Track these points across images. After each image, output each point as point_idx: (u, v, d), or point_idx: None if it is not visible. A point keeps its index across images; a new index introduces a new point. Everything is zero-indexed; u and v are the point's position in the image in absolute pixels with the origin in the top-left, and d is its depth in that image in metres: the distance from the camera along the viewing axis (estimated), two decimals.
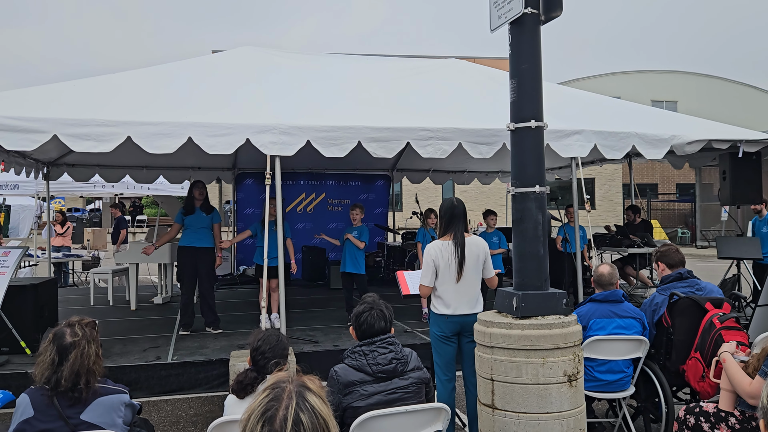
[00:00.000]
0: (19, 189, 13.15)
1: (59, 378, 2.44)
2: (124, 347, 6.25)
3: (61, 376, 2.44)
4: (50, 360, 2.48)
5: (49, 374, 2.48)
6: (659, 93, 34.15)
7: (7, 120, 5.10)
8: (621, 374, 4.16)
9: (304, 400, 1.46)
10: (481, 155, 6.10)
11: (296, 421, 1.41)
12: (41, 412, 2.44)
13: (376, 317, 2.96)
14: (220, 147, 5.48)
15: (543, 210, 3.72)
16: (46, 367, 2.49)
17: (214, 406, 5.30)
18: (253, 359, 2.77)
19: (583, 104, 7.81)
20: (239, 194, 12.06)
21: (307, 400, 1.46)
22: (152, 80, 6.74)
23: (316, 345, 6.29)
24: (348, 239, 7.33)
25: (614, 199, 30.71)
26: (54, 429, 2.41)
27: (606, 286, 4.26)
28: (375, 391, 2.76)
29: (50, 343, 2.52)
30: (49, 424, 2.42)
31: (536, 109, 3.70)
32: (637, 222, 9.89)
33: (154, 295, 9.60)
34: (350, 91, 6.97)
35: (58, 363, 2.47)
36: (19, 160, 7.84)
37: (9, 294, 5.67)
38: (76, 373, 2.45)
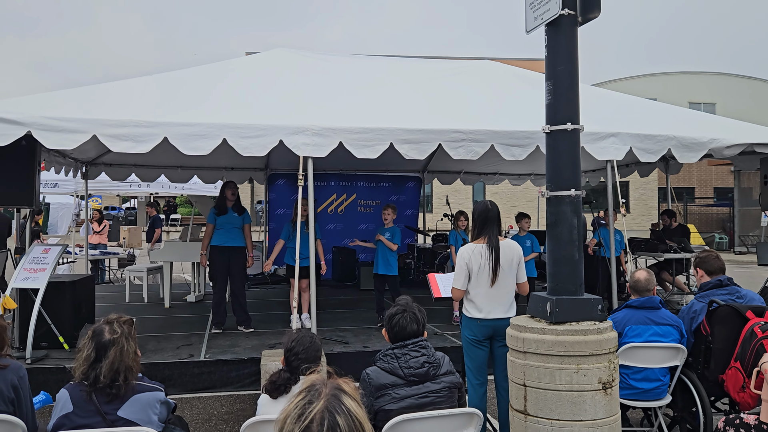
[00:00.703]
0: (59, 187, 13.50)
1: (98, 374, 2.49)
2: (158, 344, 6.36)
3: (99, 372, 2.49)
4: (88, 356, 2.54)
5: (87, 370, 2.53)
6: (697, 95, 33.41)
7: (48, 120, 5.23)
8: (657, 383, 4.07)
9: (340, 402, 1.46)
10: (514, 157, 6.03)
11: (333, 424, 1.41)
12: (80, 407, 2.49)
13: (408, 320, 2.95)
14: (254, 149, 5.53)
15: (578, 214, 3.66)
16: (84, 364, 2.54)
17: (245, 404, 5.35)
18: (287, 360, 2.79)
19: (618, 106, 7.68)
20: (271, 194, 12.17)
21: (342, 402, 1.46)
22: (187, 82, 6.84)
23: (347, 346, 6.31)
24: (380, 241, 7.31)
25: (649, 202, 30.14)
26: (92, 424, 2.46)
27: (642, 292, 4.18)
28: (407, 394, 2.75)
29: (89, 340, 2.57)
30: (88, 419, 2.47)
31: (572, 111, 3.64)
32: (673, 227, 9.68)
33: (187, 293, 9.75)
34: (382, 92, 6.97)
35: (96, 359, 2.52)
36: (59, 160, 8.05)
37: (48, 290, 5.81)
38: (114, 369, 2.49)
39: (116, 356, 2.50)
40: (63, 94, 6.25)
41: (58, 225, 25.62)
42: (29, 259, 5.92)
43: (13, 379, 2.62)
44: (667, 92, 31.15)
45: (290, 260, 7.16)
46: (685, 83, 33.79)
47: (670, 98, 26.12)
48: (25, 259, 5.94)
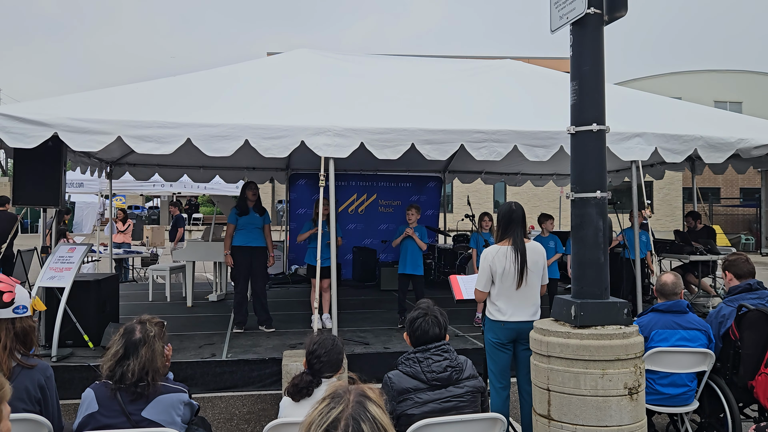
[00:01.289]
0: (84, 187, 13.71)
1: (125, 372, 2.51)
2: (181, 343, 6.41)
3: (127, 370, 2.51)
4: (117, 353, 2.56)
5: (114, 367, 2.55)
6: (722, 93, 32.82)
7: (73, 121, 5.30)
8: (684, 388, 4.00)
9: (365, 409, 1.44)
10: (538, 158, 5.97)
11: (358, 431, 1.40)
12: (105, 407, 2.51)
13: (430, 323, 2.92)
14: (276, 150, 5.54)
15: (604, 216, 3.61)
16: (112, 360, 2.57)
17: (266, 404, 5.37)
18: (309, 362, 2.78)
19: (643, 105, 7.56)
20: (292, 194, 12.22)
21: (367, 409, 1.45)
22: (210, 82, 6.89)
23: (367, 347, 6.30)
24: (410, 236, 7.24)
25: (673, 203, 29.71)
26: (116, 424, 2.48)
27: (669, 296, 4.10)
28: (429, 398, 2.72)
29: (120, 338, 2.60)
30: (112, 419, 2.49)
31: (598, 112, 3.59)
32: (698, 229, 9.51)
33: (209, 293, 9.82)
34: (404, 92, 6.94)
35: (125, 357, 2.54)
36: (84, 160, 8.16)
37: (73, 289, 5.89)
38: (142, 368, 2.52)
39: (146, 356, 2.53)
40: (88, 95, 6.33)
41: (83, 224, 26.02)
42: (55, 259, 6.00)
43: (40, 379, 2.65)
44: (692, 91, 30.65)
45: (311, 260, 7.17)
46: (710, 82, 33.22)
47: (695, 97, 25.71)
48: (51, 259, 6.02)
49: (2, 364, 2.56)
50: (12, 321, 2.64)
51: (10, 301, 2.64)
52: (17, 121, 5.23)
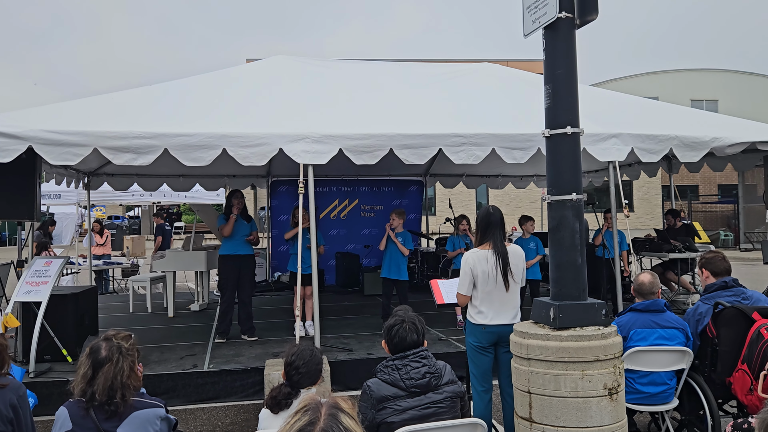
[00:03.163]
0: (61, 198, 13.52)
1: (94, 392, 2.46)
2: (162, 355, 6.34)
3: (95, 390, 2.46)
4: (85, 374, 2.52)
5: (84, 387, 2.51)
6: (699, 92, 33.31)
7: (48, 134, 5.22)
8: (664, 386, 4.04)
9: (337, 422, 1.44)
10: (516, 160, 6.01)
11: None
12: (79, 425, 2.47)
13: (408, 330, 2.92)
14: (254, 158, 5.52)
15: (580, 218, 3.63)
16: (81, 381, 2.52)
17: (249, 414, 5.32)
18: (287, 374, 2.76)
19: (619, 106, 7.64)
20: (274, 201, 12.17)
21: (340, 422, 1.44)
22: (186, 91, 6.84)
23: (350, 353, 6.27)
24: (390, 244, 7.24)
25: (653, 201, 30.04)
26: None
27: (647, 296, 4.14)
28: (409, 406, 2.72)
29: (87, 357, 2.55)
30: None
31: (572, 114, 3.62)
32: (677, 227, 9.62)
33: (191, 302, 9.73)
34: (382, 97, 6.95)
35: (93, 377, 2.50)
36: (60, 171, 8.05)
37: (51, 303, 5.80)
38: (109, 387, 2.47)
39: (110, 374, 2.48)
40: (63, 106, 6.25)
41: (63, 235, 25.67)
42: (31, 273, 5.91)
43: (12, 398, 2.60)
44: (668, 90, 31.07)
45: (294, 267, 7.13)
46: (687, 80, 33.70)
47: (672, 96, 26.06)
48: (27, 273, 5.93)
49: None
50: None
51: None
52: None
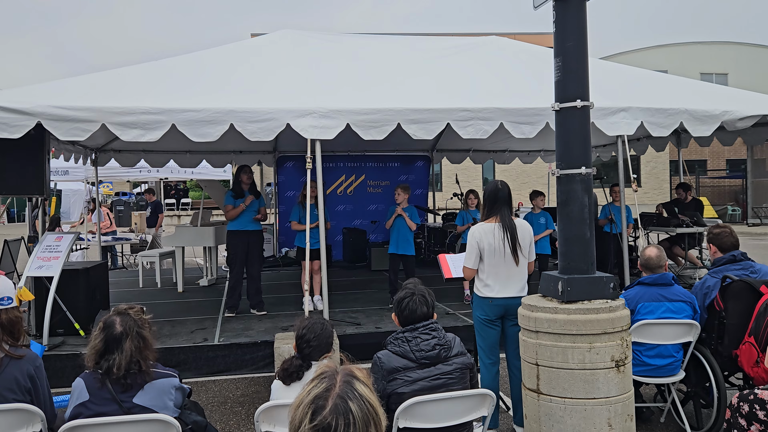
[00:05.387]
0: (69, 175, 13.56)
1: (110, 366, 2.50)
2: (173, 329, 6.43)
3: (112, 364, 2.50)
4: (98, 348, 2.55)
5: (99, 360, 2.55)
6: (708, 66, 32.85)
7: (56, 110, 5.23)
8: (670, 359, 4.07)
9: (352, 389, 1.46)
10: (524, 135, 5.98)
11: (345, 410, 1.42)
12: (95, 396, 2.52)
13: (417, 303, 2.94)
14: (261, 133, 5.52)
15: (589, 192, 3.63)
16: (94, 354, 2.55)
17: (260, 387, 5.41)
18: (298, 347, 2.80)
19: (628, 80, 7.56)
20: (280, 177, 12.18)
21: (355, 389, 1.47)
22: (193, 66, 6.81)
23: (359, 327, 6.34)
24: (401, 216, 7.25)
25: (661, 176, 29.88)
26: (108, 412, 2.49)
27: (654, 269, 4.15)
28: (419, 377, 2.75)
29: (100, 332, 2.57)
30: (104, 407, 2.50)
31: (582, 88, 3.59)
32: (687, 200, 9.59)
33: (200, 278, 9.82)
34: (389, 72, 6.91)
35: (109, 351, 2.53)
36: (68, 147, 8.07)
37: (63, 278, 5.87)
38: (127, 360, 2.51)
39: (129, 348, 2.52)
40: (71, 81, 6.24)
41: (71, 212, 25.82)
42: (42, 248, 5.97)
43: (29, 369, 2.65)
44: (678, 64, 30.66)
45: (301, 243, 7.17)
46: (696, 54, 33.22)
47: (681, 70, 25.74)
48: (39, 248, 5.99)
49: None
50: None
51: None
52: None
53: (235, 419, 4.68)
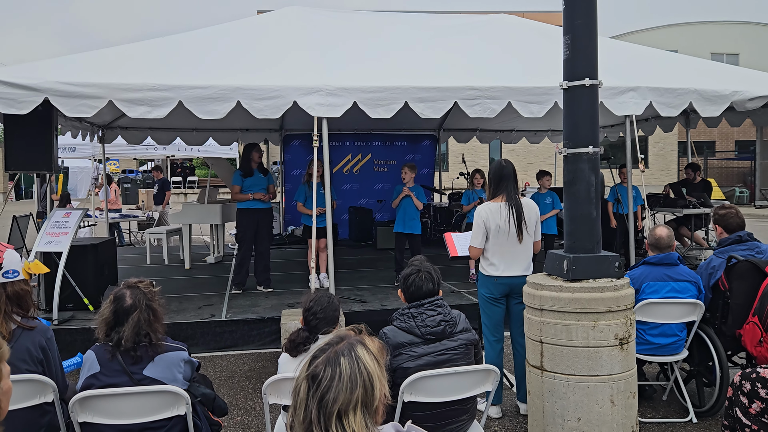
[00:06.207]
0: (76, 152, 13.60)
1: (120, 338, 2.55)
2: (180, 305, 6.50)
3: (122, 336, 2.54)
4: (108, 320, 2.59)
5: (109, 332, 2.59)
6: (719, 45, 32.42)
7: (63, 86, 5.23)
8: (674, 338, 4.09)
9: (352, 349, 1.51)
10: (532, 114, 5.95)
11: (334, 364, 1.48)
12: (106, 367, 2.56)
13: (423, 279, 2.97)
14: (268, 111, 5.51)
15: (596, 171, 3.63)
16: (104, 326, 2.60)
17: (266, 362, 5.48)
18: (305, 320, 2.84)
19: (637, 59, 7.49)
20: (286, 155, 12.18)
21: (355, 350, 1.51)
22: (199, 43, 6.79)
23: (365, 304, 6.39)
24: (404, 199, 7.25)
25: (668, 157, 29.70)
26: (119, 383, 2.54)
27: (663, 249, 4.16)
28: (424, 352, 2.79)
29: (110, 304, 2.62)
30: (115, 378, 2.55)
31: (591, 66, 3.57)
32: (696, 181, 9.54)
33: (206, 255, 9.89)
34: (397, 49, 6.86)
35: (119, 323, 2.57)
36: (75, 124, 8.10)
37: (71, 254, 5.93)
38: (136, 333, 2.55)
39: (138, 320, 2.56)
40: (78, 57, 6.24)
41: (77, 189, 25.93)
42: (51, 224, 6.02)
43: (41, 340, 2.70)
44: (688, 43, 30.28)
45: (307, 221, 7.20)
46: (707, 33, 32.77)
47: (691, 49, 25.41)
48: (47, 224, 6.04)
49: (1, 327, 2.60)
50: (3, 285, 2.67)
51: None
52: (6, 86, 5.17)
53: (242, 393, 4.75)
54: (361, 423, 1.45)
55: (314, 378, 1.47)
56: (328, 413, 1.44)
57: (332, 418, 1.44)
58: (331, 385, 1.45)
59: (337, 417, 1.44)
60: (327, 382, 1.45)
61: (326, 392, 1.44)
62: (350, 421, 1.44)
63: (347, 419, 1.44)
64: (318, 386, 1.46)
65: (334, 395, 1.44)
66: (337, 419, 1.44)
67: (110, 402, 2.51)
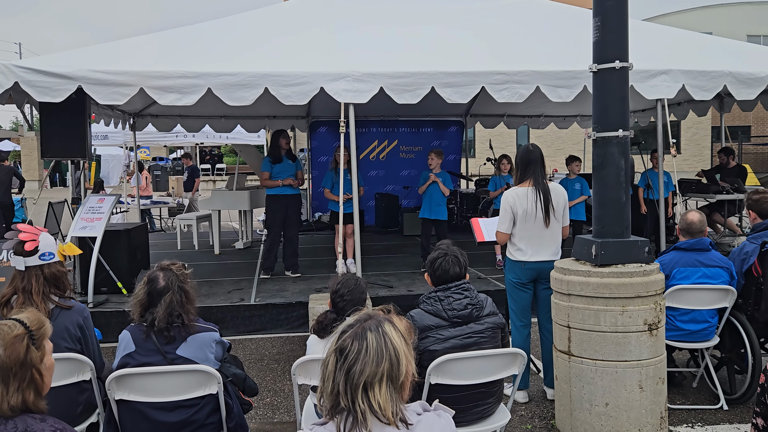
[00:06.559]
0: (108, 139, 13.88)
1: (154, 318, 2.62)
2: (210, 289, 6.61)
3: (155, 316, 2.62)
4: (142, 301, 2.67)
5: (143, 313, 2.67)
6: (756, 27, 31.46)
7: (96, 74, 5.34)
8: (705, 324, 4.04)
9: (379, 326, 1.56)
10: (561, 99, 5.88)
11: (362, 338, 1.53)
12: (141, 347, 2.64)
13: (450, 263, 2.98)
14: (296, 97, 5.55)
15: (626, 155, 3.59)
16: (138, 307, 2.68)
17: (294, 345, 5.56)
18: (333, 302, 2.88)
19: (670, 41, 7.33)
20: (313, 142, 12.23)
21: (382, 327, 1.56)
22: (226, 30, 6.85)
23: (391, 290, 6.43)
24: (435, 183, 7.23)
25: (702, 142, 29.04)
26: (153, 362, 2.61)
27: (695, 234, 4.09)
28: (451, 335, 2.81)
29: (144, 285, 2.70)
30: (149, 357, 2.62)
31: (621, 48, 3.52)
32: (730, 166, 9.31)
33: (235, 241, 10.03)
34: (423, 34, 6.82)
35: (152, 304, 2.65)
36: (107, 112, 8.25)
37: (105, 238, 6.07)
38: (169, 313, 2.62)
39: (171, 301, 2.63)
40: (110, 46, 6.35)
41: (110, 176, 26.45)
42: (85, 209, 6.17)
43: (78, 319, 2.79)
44: (723, 26, 29.46)
45: (334, 207, 7.24)
46: (743, 14, 31.80)
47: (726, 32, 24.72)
48: (82, 209, 6.19)
49: (39, 307, 2.69)
50: (40, 267, 2.76)
51: (34, 249, 2.76)
52: (41, 74, 5.29)
53: (271, 375, 4.84)
54: (386, 396, 1.49)
55: (342, 351, 1.52)
56: (354, 385, 1.49)
57: (358, 389, 1.49)
58: (357, 357, 1.50)
59: (363, 389, 1.49)
60: (354, 355, 1.50)
61: (353, 365, 1.49)
62: (375, 393, 1.49)
63: (372, 391, 1.49)
64: (345, 359, 1.51)
65: (360, 367, 1.49)
66: (363, 391, 1.49)
67: (145, 380, 2.59)
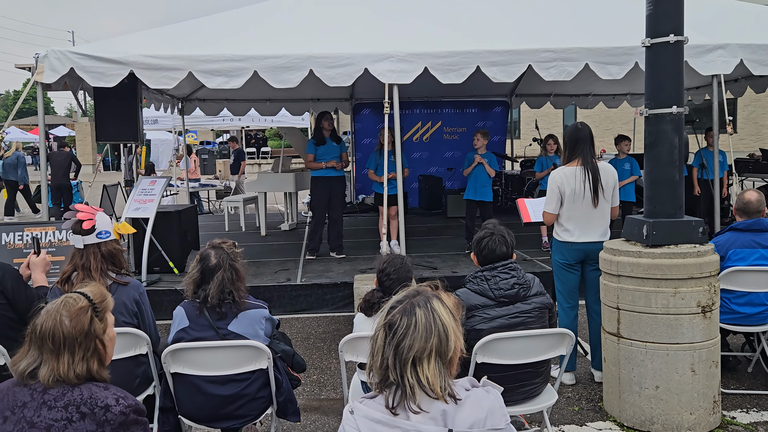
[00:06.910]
0: (158, 124, 14.23)
1: (207, 295, 2.70)
2: (258, 269, 6.75)
3: (208, 293, 2.70)
4: (195, 278, 2.76)
5: (196, 290, 2.76)
6: None
7: (146, 59, 5.47)
8: (762, 307, 3.91)
9: (427, 302, 1.57)
10: (611, 76, 5.72)
11: (410, 314, 1.54)
12: (195, 322, 2.73)
13: (497, 242, 2.96)
14: (340, 79, 5.56)
15: (680, 133, 3.48)
16: (192, 284, 2.77)
17: (340, 324, 5.64)
18: (379, 280, 2.90)
19: (727, 14, 7.02)
20: (357, 124, 12.25)
21: (431, 303, 1.57)
22: (270, 13, 6.88)
23: (435, 271, 6.43)
24: (481, 164, 7.16)
25: (760, 121, 27.82)
26: (206, 337, 2.70)
27: (752, 215, 3.95)
28: (497, 314, 2.80)
29: (197, 263, 2.79)
30: (202, 333, 2.71)
31: (676, 21, 3.40)
32: None
33: (281, 222, 10.18)
34: (466, 13, 6.72)
35: (205, 281, 2.73)
36: (157, 97, 8.45)
37: (157, 220, 6.25)
38: (221, 290, 2.70)
39: (223, 278, 2.71)
40: (159, 31, 6.48)
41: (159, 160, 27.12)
42: (138, 191, 6.36)
43: (135, 295, 2.90)
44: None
45: (379, 188, 7.27)
46: None
47: None
48: (135, 191, 6.39)
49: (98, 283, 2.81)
50: (98, 245, 2.87)
51: (91, 227, 2.86)
52: (95, 60, 5.45)
53: (317, 353, 4.92)
54: (435, 371, 1.50)
55: (391, 326, 1.53)
56: (403, 360, 1.50)
57: (407, 364, 1.50)
58: (406, 333, 1.51)
59: (412, 364, 1.50)
60: (403, 330, 1.52)
61: (402, 340, 1.51)
62: (424, 368, 1.50)
63: (421, 366, 1.50)
64: (394, 334, 1.52)
65: (409, 342, 1.50)
66: (411, 366, 1.50)
67: (198, 354, 2.67)
